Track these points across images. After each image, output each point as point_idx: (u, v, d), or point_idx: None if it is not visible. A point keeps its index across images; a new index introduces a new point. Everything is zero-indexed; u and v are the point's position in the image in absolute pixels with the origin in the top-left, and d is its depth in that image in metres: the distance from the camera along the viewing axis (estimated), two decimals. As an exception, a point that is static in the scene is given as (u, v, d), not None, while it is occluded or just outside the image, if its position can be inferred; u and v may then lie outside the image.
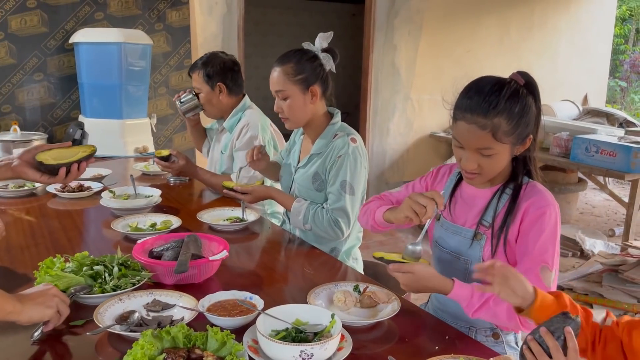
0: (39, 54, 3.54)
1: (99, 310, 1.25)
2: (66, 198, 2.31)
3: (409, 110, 5.34)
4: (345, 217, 1.87)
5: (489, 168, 1.34)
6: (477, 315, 1.29)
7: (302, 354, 1.05)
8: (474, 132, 1.29)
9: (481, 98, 1.28)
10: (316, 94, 1.92)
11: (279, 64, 1.92)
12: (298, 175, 2.03)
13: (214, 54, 2.53)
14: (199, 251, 1.56)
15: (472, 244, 1.41)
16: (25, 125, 3.50)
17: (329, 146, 1.94)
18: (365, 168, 1.94)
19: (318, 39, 1.94)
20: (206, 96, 2.49)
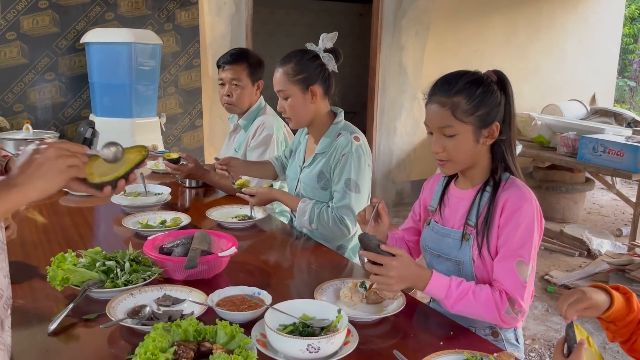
0: (51, 54, 3.59)
1: (111, 305, 1.28)
2: (78, 195, 2.35)
3: (416, 109, 5.35)
4: (350, 214, 1.89)
5: (453, 151, 1.37)
6: (456, 308, 1.30)
7: (309, 348, 1.08)
8: (436, 111, 1.37)
9: (444, 81, 1.38)
10: (316, 93, 1.94)
11: (281, 64, 1.96)
12: (303, 175, 2.06)
13: (246, 49, 2.55)
14: (208, 248, 1.59)
15: (461, 245, 1.43)
16: (37, 124, 3.55)
17: (332, 145, 1.96)
18: (369, 166, 1.96)
19: (321, 39, 1.97)
20: (245, 90, 2.49)
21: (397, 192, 5.51)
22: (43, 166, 0.93)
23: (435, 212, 1.54)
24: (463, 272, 1.42)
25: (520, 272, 1.32)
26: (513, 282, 1.32)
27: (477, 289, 1.32)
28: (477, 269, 1.41)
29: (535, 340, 3.00)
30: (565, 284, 3.58)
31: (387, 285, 1.27)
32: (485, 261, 1.39)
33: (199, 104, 4.26)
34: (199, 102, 4.26)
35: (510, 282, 1.32)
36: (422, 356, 1.12)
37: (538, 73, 5.93)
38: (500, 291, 1.32)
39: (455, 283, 1.31)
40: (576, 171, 4.85)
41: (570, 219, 5.00)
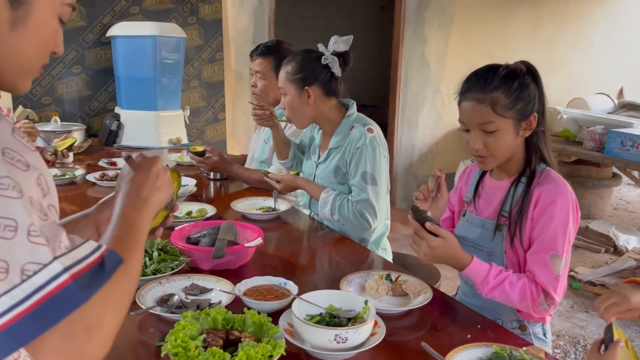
0: (78, 47, 3.64)
1: (141, 293, 1.30)
2: (105, 187, 2.39)
3: (439, 103, 5.30)
4: (370, 208, 1.88)
5: (495, 147, 1.36)
6: (490, 294, 1.32)
7: (337, 338, 1.08)
8: (474, 108, 1.35)
9: (478, 77, 1.37)
10: (312, 94, 1.93)
11: (285, 63, 1.98)
12: (319, 171, 2.06)
13: (282, 42, 2.54)
14: (234, 238, 1.61)
15: (494, 236, 1.43)
16: (64, 116, 3.60)
17: (346, 139, 1.95)
18: (385, 157, 1.94)
19: (332, 40, 1.94)
20: (268, 84, 2.49)
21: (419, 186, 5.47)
22: (159, 179, 0.96)
23: (471, 203, 1.53)
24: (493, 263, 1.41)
25: (554, 265, 1.31)
26: (547, 275, 1.31)
27: (514, 279, 1.32)
28: (508, 260, 1.41)
29: (560, 336, 2.96)
30: (590, 280, 3.53)
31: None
32: (517, 252, 1.39)
33: (222, 97, 4.29)
34: (222, 95, 4.28)
35: (544, 275, 1.32)
36: (450, 349, 1.12)
37: (564, 66, 5.82)
38: (535, 282, 1.33)
39: (494, 272, 1.31)
40: (603, 166, 4.76)
41: (596, 214, 4.91)
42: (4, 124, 0.67)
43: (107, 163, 2.77)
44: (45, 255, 0.63)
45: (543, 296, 1.32)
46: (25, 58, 0.75)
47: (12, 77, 0.76)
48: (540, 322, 1.47)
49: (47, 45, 0.78)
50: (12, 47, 0.72)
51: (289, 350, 1.09)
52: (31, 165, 0.66)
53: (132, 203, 0.89)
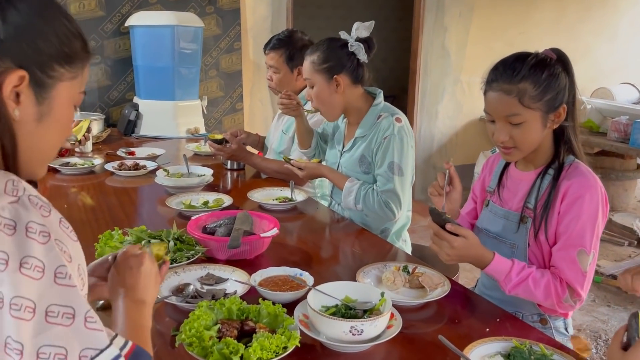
0: (97, 37, 3.66)
1: (157, 282, 1.30)
2: (123, 176, 2.40)
3: (459, 93, 5.23)
4: (395, 198, 1.86)
5: (521, 139, 1.32)
6: (513, 291, 1.29)
7: (353, 330, 1.07)
8: (500, 99, 1.30)
9: (506, 66, 1.31)
10: (341, 83, 1.90)
11: (309, 53, 1.94)
12: (344, 160, 2.03)
13: (294, 32, 2.51)
14: (250, 228, 1.60)
15: (518, 228, 1.39)
16: (84, 106, 3.62)
17: (373, 128, 1.92)
18: (412, 147, 1.92)
19: (354, 27, 1.91)
20: (283, 77, 2.47)
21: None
22: (149, 277, 0.98)
23: (494, 193, 1.50)
24: (516, 256, 1.38)
25: (581, 261, 1.28)
26: (573, 271, 1.28)
27: (537, 275, 1.29)
28: (532, 253, 1.37)
29: (581, 330, 2.91)
30: (613, 274, 3.46)
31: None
32: (541, 246, 1.35)
33: (240, 87, 4.28)
34: (240, 85, 4.27)
35: (570, 272, 1.28)
36: (467, 342, 1.10)
37: (588, 55, 5.68)
38: (560, 279, 1.29)
39: (516, 269, 1.28)
40: (627, 157, 4.65)
41: (619, 207, 4.81)
42: (54, 216, 0.70)
43: (125, 153, 2.78)
44: (102, 341, 0.68)
45: (568, 293, 1.28)
46: (49, 147, 0.81)
47: (36, 166, 0.80)
48: (562, 317, 1.44)
49: (67, 132, 0.83)
50: (38, 139, 0.77)
51: (304, 342, 1.08)
52: (73, 256, 0.70)
53: (132, 306, 0.94)
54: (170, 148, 2.98)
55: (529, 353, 1.08)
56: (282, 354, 1.02)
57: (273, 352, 1.00)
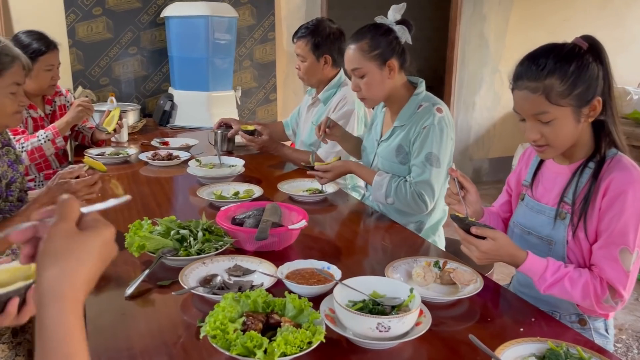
0: (134, 29, 3.71)
1: (184, 272, 1.30)
2: (156, 166, 2.43)
3: (497, 83, 5.09)
4: (429, 190, 1.82)
5: (553, 136, 1.25)
6: (548, 291, 1.24)
7: (379, 327, 1.04)
8: (526, 98, 1.25)
9: (531, 61, 1.25)
10: (394, 68, 1.86)
11: (354, 41, 1.88)
12: (381, 149, 1.99)
13: (321, 21, 2.48)
14: (279, 220, 1.58)
15: (555, 224, 1.33)
16: (120, 96, 3.70)
17: (413, 117, 1.88)
18: (451, 139, 1.87)
19: (391, 11, 1.88)
20: (310, 66, 2.46)
21: (475, 170, 5.31)
22: None
23: (530, 186, 1.44)
24: (553, 253, 1.32)
25: (623, 260, 1.21)
26: (615, 271, 1.22)
27: (575, 275, 1.23)
28: (570, 251, 1.31)
29: (623, 330, 2.80)
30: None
31: (474, 261, 1.27)
32: (580, 244, 1.29)
33: (274, 78, 4.27)
34: (274, 75, 4.27)
35: (612, 271, 1.22)
36: (500, 343, 1.05)
37: (635, 43, 5.43)
38: (601, 279, 1.22)
39: (552, 268, 1.23)
40: (676, 151, 4.44)
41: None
42: None
43: (159, 143, 2.81)
44: None
45: (609, 293, 1.22)
46: None
47: None
48: (603, 317, 1.37)
49: None
50: None
51: (329, 337, 1.06)
52: None
53: None
54: (204, 138, 3.00)
55: (566, 356, 1.02)
56: (307, 349, 1.00)
57: (297, 347, 0.99)
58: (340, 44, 2.47)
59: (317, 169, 2.02)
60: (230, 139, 2.70)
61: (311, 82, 2.54)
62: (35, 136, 2.33)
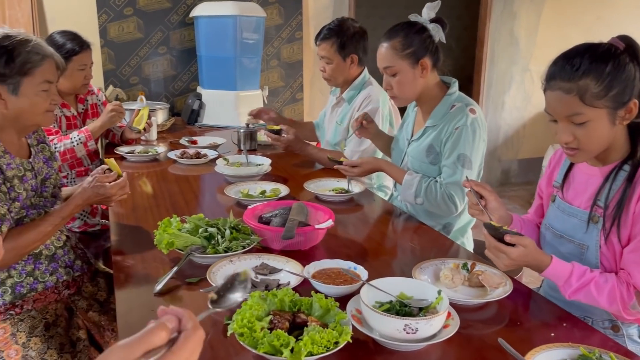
0: (163, 28, 3.76)
1: (212, 270, 1.31)
2: (185, 164, 2.46)
3: (527, 82, 5.00)
4: (460, 191, 1.80)
5: (585, 139, 1.21)
6: (574, 297, 1.22)
7: (407, 328, 1.03)
8: (560, 99, 1.21)
9: (565, 61, 1.21)
10: (426, 67, 1.85)
11: (387, 39, 1.87)
12: (411, 149, 1.98)
13: (344, 21, 2.48)
14: (305, 219, 1.59)
15: (588, 228, 1.30)
16: (150, 95, 3.75)
17: (445, 117, 1.85)
18: (484, 141, 1.85)
19: (425, 9, 1.86)
20: (336, 67, 2.46)
21: (503, 171, 5.22)
22: None
23: (561, 187, 1.41)
24: (586, 257, 1.29)
25: None
26: None
27: (600, 280, 1.20)
28: (603, 256, 1.27)
29: (656, 337, 2.71)
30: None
31: (499, 267, 1.25)
32: (614, 248, 1.25)
33: (300, 77, 4.28)
34: (300, 75, 4.27)
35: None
36: (530, 347, 1.03)
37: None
38: (627, 283, 1.19)
39: (577, 273, 1.20)
40: None
41: None
42: None
43: (188, 141, 2.85)
44: None
45: (636, 298, 1.18)
46: None
47: None
48: (636, 324, 1.33)
49: None
50: None
51: (356, 338, 1.06)
52: None
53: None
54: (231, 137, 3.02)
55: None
56: (333, 349, 0.99)
57: (324, 346, 0.98)
58: (364, 42, 2.46)
59: (345, 163, 2.02)
60: (253, 138, 2.71)
61: (337, 82, 2.54)
62: (68, 137, 2.38)
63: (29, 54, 1.46)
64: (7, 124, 1.51)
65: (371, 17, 7.36)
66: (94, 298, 1.75)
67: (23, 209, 1.52)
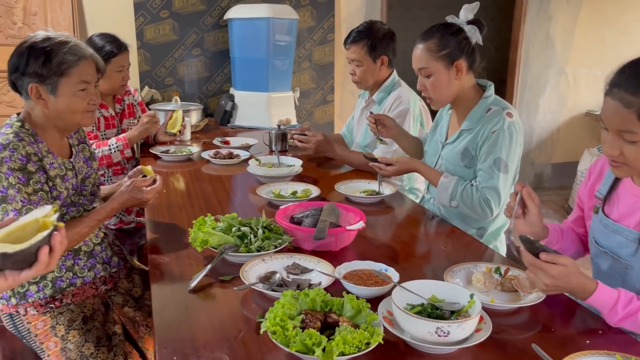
0: (198, 31, 3.83)
1: (245, 269, 1.34)
2: (218, 164, 2.50)
3: (563, 85, 4.90)
4: (496, 196, 1.78)
5: (634, 158, 1.14)
6: (619, 325, 1.15)
7: (438, 331, 1.03)
8: (617, 110, 1.12)
9: (634, 72, 1.12)
10: (461, 69, 1.83)
11: (422, 40, 1.86)
12: (445, 152, 1.96)
13: (373, 23, 2.49)
14: (336, 220, 1.59)
15: (638, 250, 1.24)
16: (184, 96, 3.82)
17: (481, 121, 1.84)
18: (520, 145, 1.83)
19: (463, 10, 1.84)
20: (367, 69, 2.47)
21: (536, 175, 5.13)
22: None
23: (603, 200, 1.35)
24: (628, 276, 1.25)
25: None
26: None
27: None
28: None
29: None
30: None
31: (539, 288, 1.18)
32: None
33: (332, 79, 4.29)
34: (332, 77, 4.29)
35: None
36: (564, 354, 1.02)
37: None
38: None
39: (623, 301, 1.14)
40: None
41: None
42: None
43: (220, 142, 2.89)
44: None
45: None
46: None
47: None
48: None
49: None
50: None
51: (387, 339, 1.06)
52: None
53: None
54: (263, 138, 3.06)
55: (635, 371, 0.98)
56: (365, 350, 1.00)
57: (356, 347, 0.99)
58: (393, 44, 2.47)
59: (380, 160, 2.01)
60: (284, 139, 2.73)
61: (367, 85, 2.54)
62: (106, 144, 2.45)
63: (66, 54, 1.51)
64: (49, 124, 1.56)
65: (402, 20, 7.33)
66: (129, 294, 1.80)
67: (63, 207, 1.57)
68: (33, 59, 1.47)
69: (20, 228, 0.86)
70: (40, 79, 1.48)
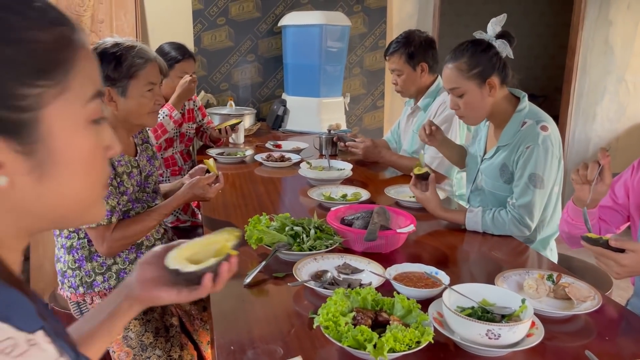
0: (252, 37, 3.94)
1: (297, 266, 1.38)
2: (270, 166, 2.57)
3: (622, 93, 4.73)
4: (529, 213, 1.74)
5: None
6: None
7: (489, 334, 1.04)
8: None
9: None
10: (494, 85, 1.80)
11: (452, 60, 1.83)
12: (484, 167, 1.95)
13: (411, 32, 2.53)
14: (387, 223, 1.62)
15: None
16: (238, 101, 3.93)
17: (516, 136, 1.80)
18: (557, 158, 1.78)
19: (490, 25, 1.81)
20: (407, 77, 2.49)
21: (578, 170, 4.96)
22: None
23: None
24: None
25: None
26: None
27: None
28: None
29: None
30: None
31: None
32: None
33: (382, 85, 4.31)
34: (382, 82, 4.31)
35: None
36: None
37: None
38: None
39: None
40: None
41: None
42: None
43: (272, 145, 2.97)
44: None
45: None
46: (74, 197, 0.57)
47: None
48: None
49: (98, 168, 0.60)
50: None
51: (437, 340, 1.08)
52: None
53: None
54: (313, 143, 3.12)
55: (694, 384, 0.96)
56: (415, 348, 1.02)
57: (406, 345, 1.01)
58: (432, 50, 2.48)
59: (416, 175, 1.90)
60: (334, 144, 2.78)
61: (410, 93, 2.56)
62: None
63: (134, 58, 1.61)
64: (118, 125, 1.66)
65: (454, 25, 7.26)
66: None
67: (129, 203, 1.67)
68: (105, 64, 1.58)
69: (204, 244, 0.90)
70: (112, 82, 1.59)
